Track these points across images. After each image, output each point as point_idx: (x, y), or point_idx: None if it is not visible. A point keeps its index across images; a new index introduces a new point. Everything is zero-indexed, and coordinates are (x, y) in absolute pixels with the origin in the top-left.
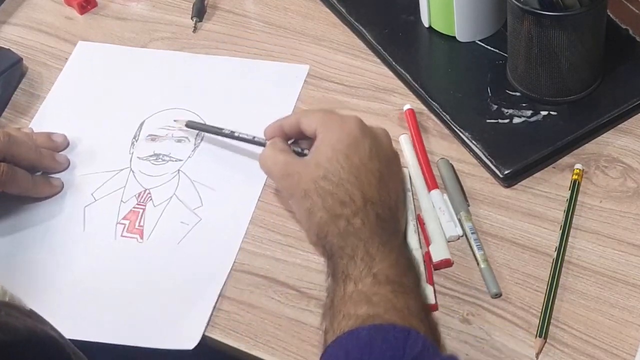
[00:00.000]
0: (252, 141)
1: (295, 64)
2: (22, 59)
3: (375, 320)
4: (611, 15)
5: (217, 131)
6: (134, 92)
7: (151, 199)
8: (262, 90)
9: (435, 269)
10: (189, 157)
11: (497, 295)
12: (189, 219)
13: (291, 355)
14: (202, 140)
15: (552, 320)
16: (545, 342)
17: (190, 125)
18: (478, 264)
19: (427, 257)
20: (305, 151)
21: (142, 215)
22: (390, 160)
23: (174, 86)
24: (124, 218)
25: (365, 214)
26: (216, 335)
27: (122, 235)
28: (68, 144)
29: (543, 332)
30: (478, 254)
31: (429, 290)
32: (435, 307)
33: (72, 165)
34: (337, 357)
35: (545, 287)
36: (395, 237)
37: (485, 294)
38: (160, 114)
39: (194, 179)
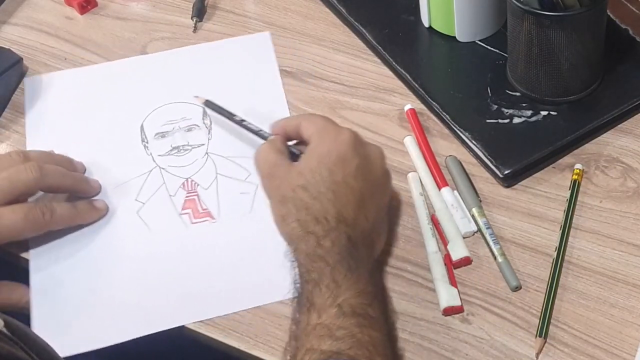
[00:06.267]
0: (257, 133)
1: (256, 34)
2: (22, 59)
3: (340, 357)
4: (611, 15)
5: (229, 116)
6: (118, 102)
7: (198, 185)
8: (239, 65)
9: (455, 268)
10: (209, 139)
11: (517, 288)
12: (246, 188)
13: None
14: (211, 122)
15: (552, 320)
16: (545, 342)
17: (208, 104)
18: (495, 258)
19: (448, 259)
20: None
21: (199, 200)
22: (378, 182)
23: (155, 86)
24: (184, 208)
25: (336, 235)
26: (216, 335)
27: (192, 223)
28: (85, 170)
29: (543, 332)
30: (495, 248)
31: (453, 292)
32: (461, 309)
33: (101, 183)
34: None
35: (545, 287)
36: (364, 264)
37: (485, 294)
38: (154, 113)
39: (227, 155)
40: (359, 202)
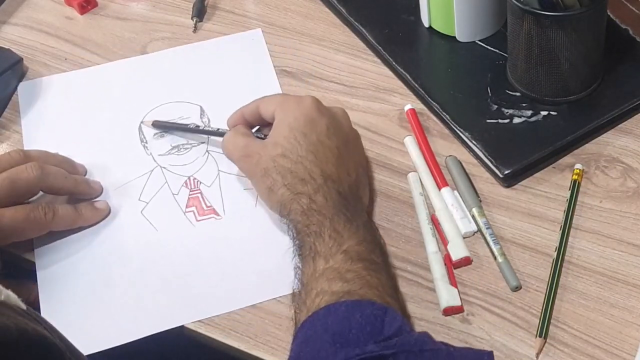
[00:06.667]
0: (216, 132)
1: (248, 31)
2: (22, 59)
3: (351, 297)
4: (611, 15)
5: (183, 127)
6: (115, 104)
7: (201, 182)
8: (234, 62)
9: (455, 268)
10: (209, 137)
11: (517, 288)
12: (249, 184)
13: None
14: (209, 121)
15: (552, 320)
16: (545, 342)
17: (156, 124)
18: (495, 258)
19: (448, 259)
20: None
21: (203, 198)
22: (349, 139)
23: (151, 86)
24: (188, 206)
25: (326, 190)
26: (216, 335)
27: (198, 220)
28: (86, 172)
29: (543, 332)
30: (495, 248)
31: (453, 292)
32: (461, 309)
33: (103, 185)
34: (314, 332)
35: (545, 287)
36: (359, 215)
37: (485, 294)
38: (151, 114)
39: None
40: (337, 159)
